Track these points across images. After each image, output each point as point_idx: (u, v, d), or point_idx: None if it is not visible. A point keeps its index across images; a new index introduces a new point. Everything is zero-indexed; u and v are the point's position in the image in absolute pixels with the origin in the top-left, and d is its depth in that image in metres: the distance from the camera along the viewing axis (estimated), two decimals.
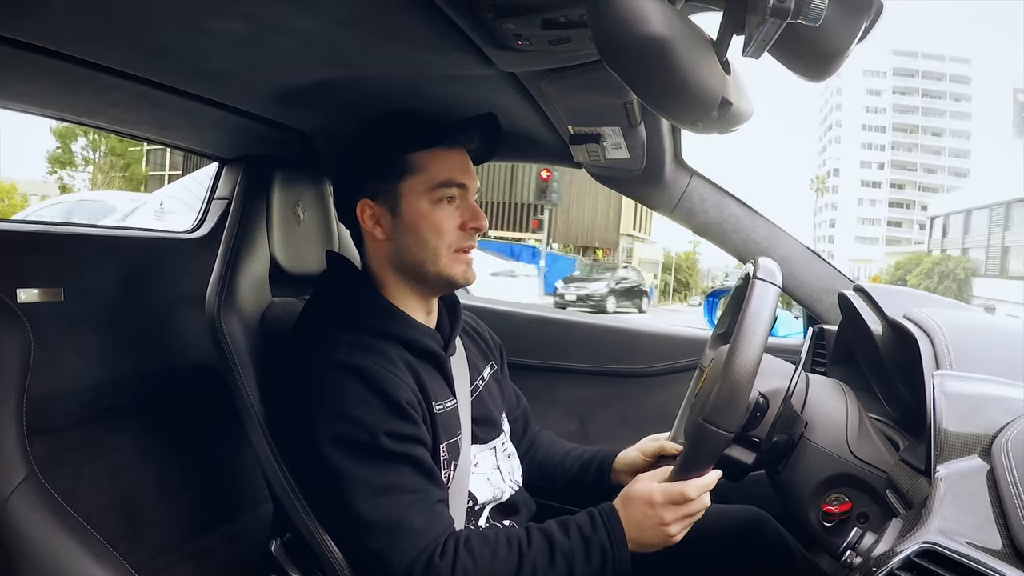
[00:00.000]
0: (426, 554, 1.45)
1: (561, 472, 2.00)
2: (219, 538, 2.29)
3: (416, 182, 1.64)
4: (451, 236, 1.65)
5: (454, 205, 1.66)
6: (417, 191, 1.64)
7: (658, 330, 2.84)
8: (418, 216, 1.64)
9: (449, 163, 1.66)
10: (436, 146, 1.65)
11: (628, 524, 1.50)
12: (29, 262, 1.83)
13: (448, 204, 1.65)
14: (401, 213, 1.65)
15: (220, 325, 1.70)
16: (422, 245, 1.64)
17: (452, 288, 1.73)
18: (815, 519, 1.49)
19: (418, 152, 1.64)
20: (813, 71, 1.15)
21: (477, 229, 1.67)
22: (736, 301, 1.72)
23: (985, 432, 1.20)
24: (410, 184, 1.64)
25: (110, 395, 2.02)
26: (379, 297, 1.69)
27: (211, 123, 1.92)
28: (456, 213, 1.66)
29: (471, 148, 1.73)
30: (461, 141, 1.69)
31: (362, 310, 1.66)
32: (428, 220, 1.64)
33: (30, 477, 1.26)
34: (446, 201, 1.65)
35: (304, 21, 1.30)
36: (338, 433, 1.48)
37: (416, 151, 1.64)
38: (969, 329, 1.64)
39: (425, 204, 1.64)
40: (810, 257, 2.44)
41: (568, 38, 1.33)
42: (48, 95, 1.63)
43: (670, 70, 0.96)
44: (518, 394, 2.13)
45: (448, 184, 1.64)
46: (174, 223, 3.13)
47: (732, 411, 1.35)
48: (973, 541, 1.00)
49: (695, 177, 2.46)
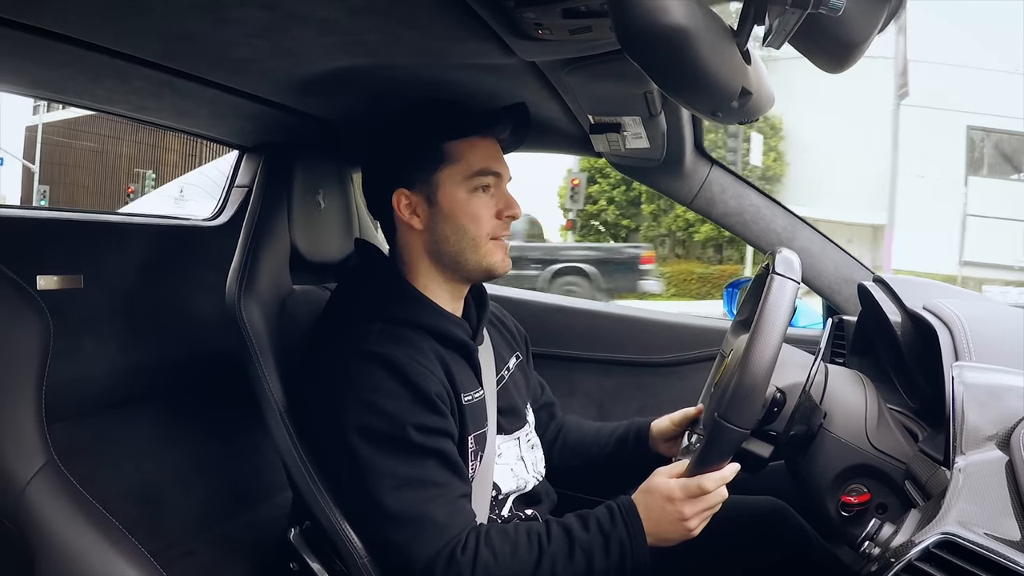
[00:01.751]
0: (448, 549, 1.46)
1: (597, 449, 2.01)
2: (238, 526, 2.30)
3: (453, 171, 1.65)
4: (488, 225, 1.66)
5: (489, 193, 1.67)
6: (454, 180, 1.65)
7: (678, 320, 2.84)
8: (456, 205, 1.65)
9: (484, 152, 1.67)
10: (471, 135, 1.67)
11: (647, 519, 1.50)
12: (49, 249, 1.84)
13: (484, 193, 1.67)
14: (438, 202, 1.66)
15: (240, 313, 1.71)
16: (461, 234, 1.66)
17: (490, 277, 1.74)
18: (834, 510, 1.49)
19: (455, 141, 1.66)
20: (834, 62, 1.15)
21: (513, 217, 1.69)
22: (756, 289, 1.72)
23: (1004, 423, 1.20)
24: (447, 173, 1.65)
25: (129, 383, 2.03)
26: (409, 286, 1.70)
27: (232, 111, 1.92)
28: (492, 202, 1.68)
29: (502, 138, 1.74)
30: (495, 130, 1.71)
31: (393, 299, 1.67)
32: (466, 209, 1.65)
33: (49, 464, 1.27)
34: (482, 190, 1.66)
35: (324, 9, 1.30)
36: (366, 424, 1.49)
37: (453, 140, 1.66)
38: (989, 320, 1.63)
39: (462, 193, 1.65)
40: (830, 247, 2.43)
41: (589, 27, 1.32)
42: (70, 82, 1.63)
43: (690, 60, 0.96)
44: (543, 384, 2.13)
45: (485, 172, 1.66)
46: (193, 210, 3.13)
47: (748, 409, 1.35)
48: (992, 532, 1.00)
49: (715, 167, 2.46)
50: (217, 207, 2.42)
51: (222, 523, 2.26)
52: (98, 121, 30.50)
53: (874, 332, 1.96)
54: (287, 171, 1.91)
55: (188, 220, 2.38)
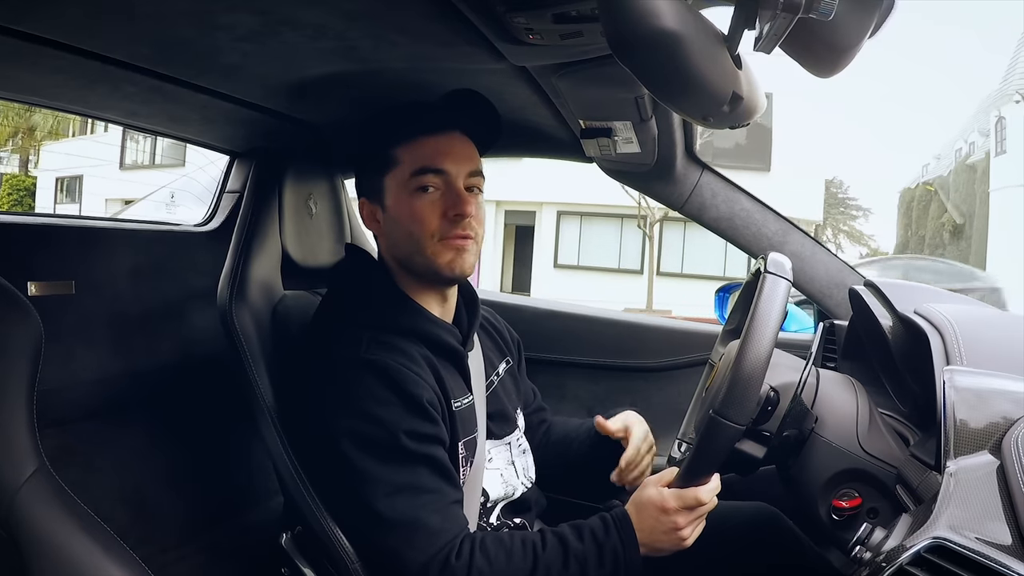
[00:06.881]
0: (442, 554, 1.45)
1: (578, 444, 2.00)
2: (229, 531, 2.29)
3: (396, 175, 1.64)
4: (432, 225, 1.62)
5: (438, 193, 1.63)
6: (398, 183, 1.64)
7: (667, 324, 2.84)
8: (400, 209, 1.64)
9: (426, 150, 1.64)
10: (417, 135, 1.64)
11: (640, 529, 1.50)
12: (40, 255, 1.84)
13: (428, 193, 1.62)
14: (388, 208, 1.66)
15: (232, 318, 1.71)
16: (407, 238, 1.64)
17: (443, 279, 1.69)
18: (825, 514, 1.49)
19: (399, 145, 1.64)
20: (825, 66, 1.15)
21: (460, 215, 1.62)
22: (746, 297, 1.72)
23: (996, 428, 1.20)
24: (391, 177, 1.65)
25: (121, 388, 2.02)
26: (397, 291, 1.69)
27: (223, 116, 1.92)
28: (439, 201, 1.63)
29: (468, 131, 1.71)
30: (444, 125, 1.68)
31: (382, 305, 1.66)
32: (409, 211, 1.63)
33: (40, 470, 1.26)
34: (425, 190, 1.62)
35: (315, 14, 1.31)
36: (358, 431, 1.49)
37: (397, 144, 1.64)
38: (980, 324, 1.63)
39: (405, 195, 1.63)
40: (821, 252, 2.43)
41: (579, 32, 1.33)
42: (62, 89, 1.63)
43: (681, 65, 0.96)
44: (534, 389, 2.13)
45: (422, 171, 1.62)
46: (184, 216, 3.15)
47: (743, 404, 1.35)
48: (983, 536, 1.00)
49: (706, 172, 2.45)
50: (208, 213, 2.42)
51: (214, 528, 2.26)
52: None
53: (865, 336, 1.96)
54: (278, 176, 1.92)
55: (179, 226, 2.38)
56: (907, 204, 33.04)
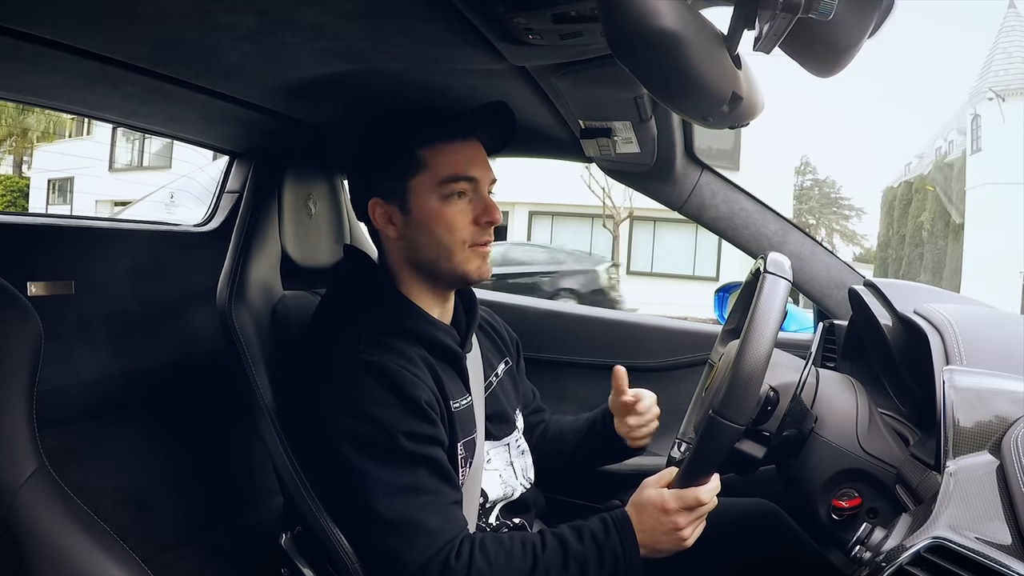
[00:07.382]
0: (441, 555, 1.45)
1: (572, 435, 2.01)
2: (229, 531, 2.29)
3: (424, 179, 1.62)
4: (464, 232, 1.63)
5: (466, 200, 1.64)
6: (426, 188, 1.62)
7: (667, 324, 2.84)
8: (429, 214, 1.62)
9: (457, 157, 1.64)
10: (443, 140, 1.64)
11: (640, 530, 1.50)
12: (39, 255, 1.84)
13: (459, 199, 1.63)
14: (412, 211, 1.64)
15: (231, 319, 1.71)
16: (435, 243, 1.63)
17: (467, 284, 1.72)
18: (825, 514, 1.49)
19: (426, 147, 1.63)
20: (824, 66, 1.15)
21: (491, 223, 1.65)
22: (746, 297, 1.72)
23: (995, 427, 1.20)
24: (418, 181, 1.63)
25: (121, 388, 2.02)
26: (397, 293, 1.68)
27: (222, 116, 1.92)
28: (468, 208, 1.64)
29: (483, 140, 1.71)
30: (469, 133, 1.68)
31: (381, 306, 1.66)
32: (439, 217, 1.62)
33: (40, 470, 1.26)
34: (456, 196, 1.62)
35: (314, 15, 1.30)
36: (357, 432, 1.49)
37: (422, 147, 1.63)
38: (979, 324, 1.63)
39: (435, 201, 1.62)
40: (820, 252, 2.43)
41: (579, 32, 1.33)
42: (61, 89, 1.63)
43: (681, 65, 0.96)
44: (534, 390, 2.13)
45: (456, 179, 1.62)
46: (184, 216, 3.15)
47: (743, 403, 1.34)
48: (983, 536, 1.00)
49: (706, 172, 2.45)
50: (207, 213, 2.42)
51: (213, 528, 2.26)
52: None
53: (865, 336, 1.96)
54: (277, 176, 1.91)
55: (179, 226, 2.38)
56: (889, 203, 33.07)
